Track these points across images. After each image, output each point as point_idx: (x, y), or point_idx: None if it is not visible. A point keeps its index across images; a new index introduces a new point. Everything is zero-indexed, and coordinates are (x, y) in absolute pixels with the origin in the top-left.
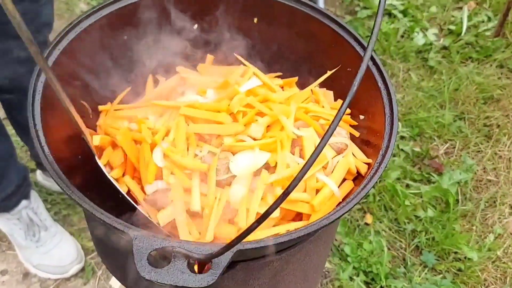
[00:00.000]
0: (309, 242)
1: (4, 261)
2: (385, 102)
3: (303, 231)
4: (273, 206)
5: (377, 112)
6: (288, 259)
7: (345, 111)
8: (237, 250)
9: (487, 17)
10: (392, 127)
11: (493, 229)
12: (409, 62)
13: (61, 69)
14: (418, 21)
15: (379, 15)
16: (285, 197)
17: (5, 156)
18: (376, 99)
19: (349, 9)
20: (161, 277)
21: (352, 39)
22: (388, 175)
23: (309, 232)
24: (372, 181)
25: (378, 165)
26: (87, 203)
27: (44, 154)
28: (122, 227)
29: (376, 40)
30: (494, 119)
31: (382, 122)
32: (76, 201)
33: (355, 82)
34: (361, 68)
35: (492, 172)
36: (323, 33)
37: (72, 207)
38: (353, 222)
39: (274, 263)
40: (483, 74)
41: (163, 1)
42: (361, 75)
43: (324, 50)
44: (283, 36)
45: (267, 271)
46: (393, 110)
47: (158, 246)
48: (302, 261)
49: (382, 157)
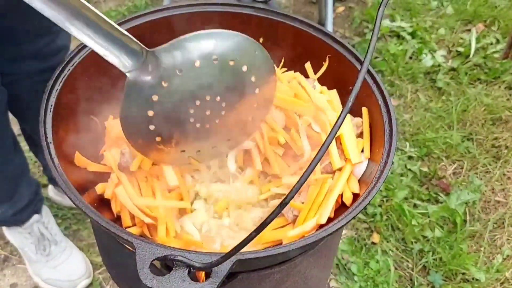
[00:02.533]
0: (309, 255)
1: (14, 274)
2: (385, 119)
3: (301, 243)
4: (271, 216)
5: (378, 128)
6: (288, 272)
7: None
8: (237, 260)
9: (496, 39)
10: (390, 144)
11: (501, 250)
12: (418, 83)
13: (72, 84)
14: (427, 43)
15: (375, 34)
16: (283, 207)
17: (18, 171)
18: (376, 116)
19: (358, 30)
20: (162, 284)
21: (354, 58)
22: (396, 194)
23: (308, 244)
24: (370, 195)
25: (377, 180)
26: (93, 212)
27: (54, 164)
28: (126, 236)
29: (372, 57)
30: (503, 140)
31: (381, 140)
32: (82, 209)
33: (351, 94)
34: (357, 81)
35: (501, 193)
36: (326, 52)
37: (81, 222)
38: (360, 241)
39: (274, 275)
40: (492, 95)
41: (171, 22)
42: (357, 89)
43: (327, 69)
44: (287, 56)
45: (267, 283)
46: (392, 127)
47: (160, 254)
48: (303, 274)
49: (381, 172)
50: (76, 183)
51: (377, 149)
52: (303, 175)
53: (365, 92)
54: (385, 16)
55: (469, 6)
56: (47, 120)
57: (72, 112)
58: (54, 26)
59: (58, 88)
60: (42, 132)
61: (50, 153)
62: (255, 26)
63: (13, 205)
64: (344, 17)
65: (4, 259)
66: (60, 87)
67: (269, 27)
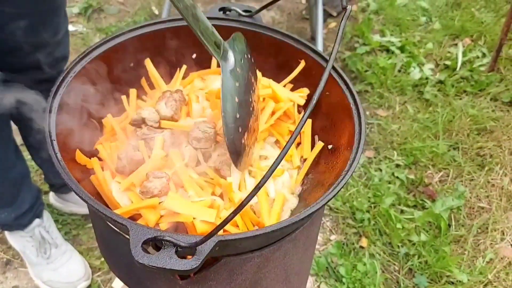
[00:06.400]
0: (287, 241)
1: (16, 277)
2: (355, 120)
3: (277, 225)
4: (247, 198)
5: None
6: (268, 256)
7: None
8: (219, 240)
9: (482, 53)
10: (360, 140)
11: (484, 253)
12: (406, 95)
13: (74, 89)
14: (415, 57)
15: (337, 42)
16: (257, 190)
17: (20, 177)
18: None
19: (349, 45)
20: (152, 261)
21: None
22: (383, 201)
23: (284, 226)
24: (340, 184)
25: (346, 173)
26: (91, 200)
27: (57, 159)
28: (121, 219)
29: (335, 59)
30: (487, 149)
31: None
32: (82, 198)
33: (316, 92)
34: (321, 81)
35: (485, 200)
36: (300, 57)
37: (81, 227)
38: (349, 245)
39: (255, 259)
40: (477, 106)
41: (164, 35)
42: (321, 86)
43: (304, 76)
44: (270, 66)
45: (249, 266)
46: (361, 126)
47: (151, 235)
48: (282, 260)
49: (350, 166)
50: (76, 177)
51: (348, 140)
52: (275, 162)
53: (339, 99)
54: (375, 31)
55: (457, 22)
56: (51, 121)
57: (73, 112)
58: (53, 38)
59: (61, 92)
60: (46, 131)
61: (54, 149)
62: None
63: (15, 209)
64: (336, 33)
65: (6, 262)
66: (63, 90)
67: (254, 38)
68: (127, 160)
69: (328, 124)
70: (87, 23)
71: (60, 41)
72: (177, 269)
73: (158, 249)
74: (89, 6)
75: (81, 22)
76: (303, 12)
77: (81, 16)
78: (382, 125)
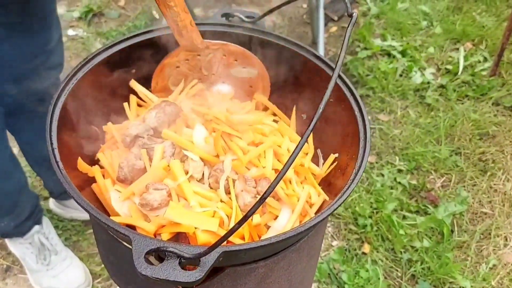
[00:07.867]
0: (291, 251)
1: (15, 284)
2: (360, 128)
3: (281, 236)
4: (252, 210)
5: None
6: (272, 267)
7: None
8: (223, 252)
9: (483, 58)
10: (365, 150)
11: (487, 259)
12: (408, 99)
13: (76, 96)
14: (416, 61)
15: (343, 50)
16: (263, 201)
17: (17, 186)
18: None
19: (350, 49)
20: (155, 272)
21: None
22: (385, 206)
23: (288, 237)
24: (347, 191)
25: (351, 182)
26: (93, 209)
27: (59, 168)
28: (123, 230)
29: (340, 68)
30: (490, 154)
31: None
32: (84, 207)
33: (322, 102)
34: (328, 89)
35: (488, 205)
36: (307, 66)
37: (81, 233)
38: (351, 251)
39: (259, 269)
40: (479, 111)
41: (168, 40)
42: (327, 95)
43: (306, 82)
44: (272, 72)
45: (253, 277)
46: (366, 134)
47: (154, 246)
48: (286, 270)
49: (355, 175)
50: (77, 185)
51: (353, 150)
52: (280, 172)
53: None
54: (376, 35)
55: (458, 26)
56: (52, 128)
57: (74, 121)
58: (48, 45)
59: (62, 99)
60: (48, 139)
61: (55, 158)
62: (246, 44)
63: (14, 218)
64: (337, 37)
65: (6, 269)
66: (64, 98)
67: (257, 44)
68: (128, 169)
69: (331, 132)
70: (87, 28)
71: (53, 50)
72: (181, 281)
73: (161, 260)
74: (89, 10)
75: (81, 26)
76: (304, 16)
77: (82, 21)
78: (384, 130)
